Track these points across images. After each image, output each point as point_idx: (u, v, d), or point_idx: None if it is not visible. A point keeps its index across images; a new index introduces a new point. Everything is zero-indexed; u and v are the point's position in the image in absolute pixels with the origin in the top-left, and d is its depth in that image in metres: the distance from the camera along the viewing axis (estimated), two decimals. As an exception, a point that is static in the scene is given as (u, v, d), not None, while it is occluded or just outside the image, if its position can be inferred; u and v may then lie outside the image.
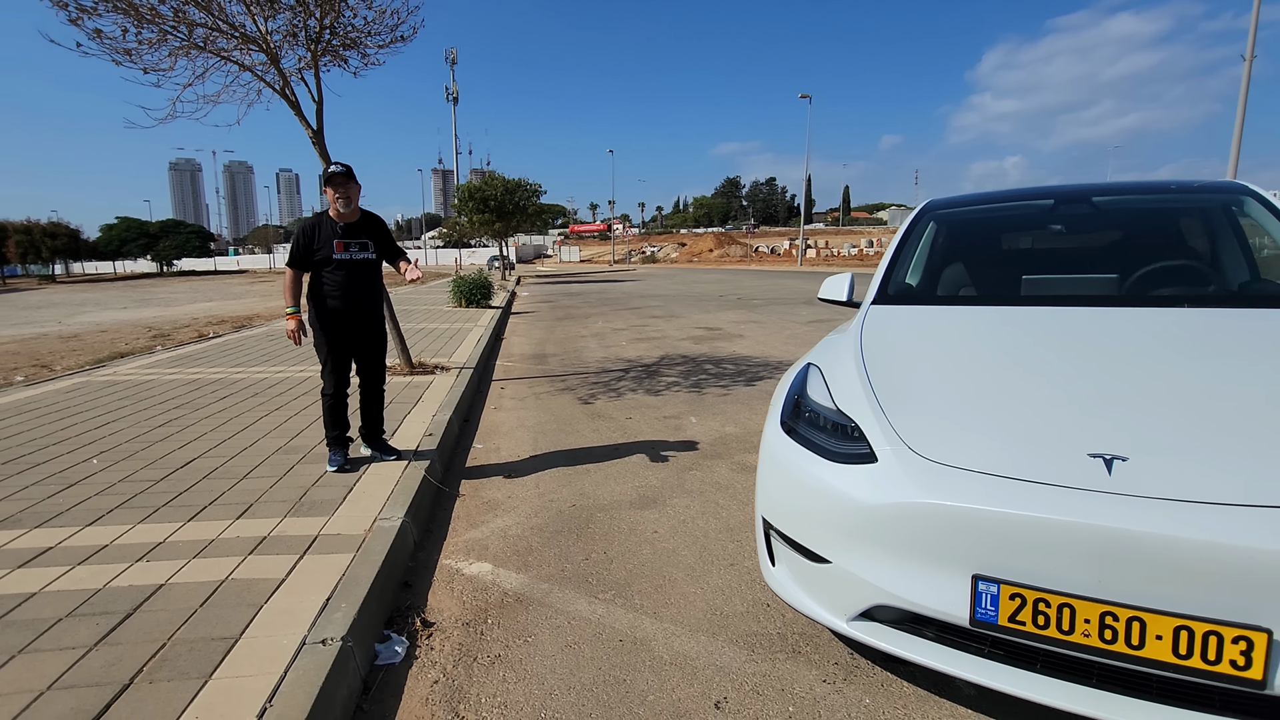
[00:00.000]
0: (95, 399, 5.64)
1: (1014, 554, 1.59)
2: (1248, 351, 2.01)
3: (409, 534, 3.13)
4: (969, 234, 3.48)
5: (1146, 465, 1.58)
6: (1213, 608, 1.41)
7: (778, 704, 2.03)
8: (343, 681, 2.03)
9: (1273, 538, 1.38)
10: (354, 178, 3.73)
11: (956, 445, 1.80)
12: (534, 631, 2.45)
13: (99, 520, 3.05)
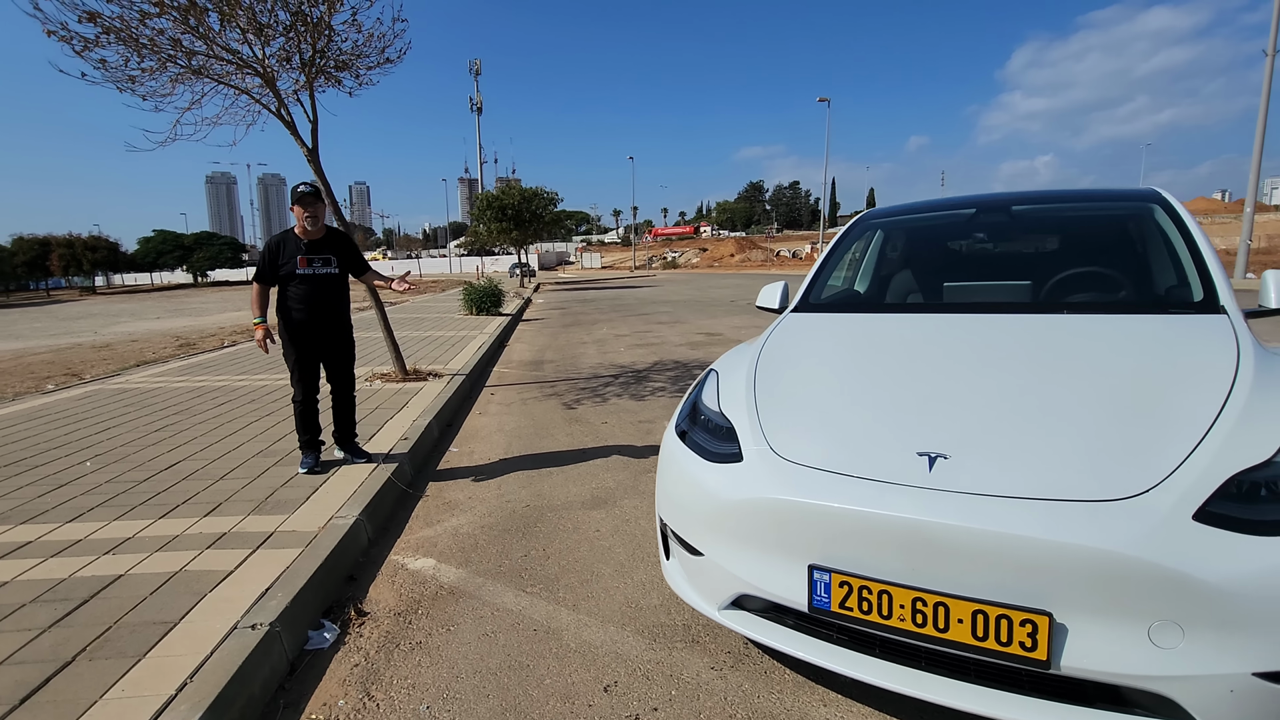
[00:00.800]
0: (103, 406, 5.98)
1: (842, 545, 1.72)
2: (1100, 355, 2.10)
3: (362, 531, 3.33)
4: (908, 243, 3.60)
5: (962, 463, 1.70)
6: (1003, 593, 1.53)
7: (663, 688, 2.17)
8: (265, 662, 2.22)
9: (1050, 527, 1.49)
10: (321, 198, 3.98)
11: (809, 445, 1.93)
12: (458, 621, 2.63)
13: (79, 517, 3.31)
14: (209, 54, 5.65)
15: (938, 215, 3.57)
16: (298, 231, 3.95)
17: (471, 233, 34.08)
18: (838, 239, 3.55)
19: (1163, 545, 1.43)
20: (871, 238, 3.88)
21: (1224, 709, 1.41)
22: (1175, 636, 1.42)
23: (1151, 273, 2.67)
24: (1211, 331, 2.11)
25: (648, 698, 2.13)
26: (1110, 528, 1.47)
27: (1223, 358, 1.92)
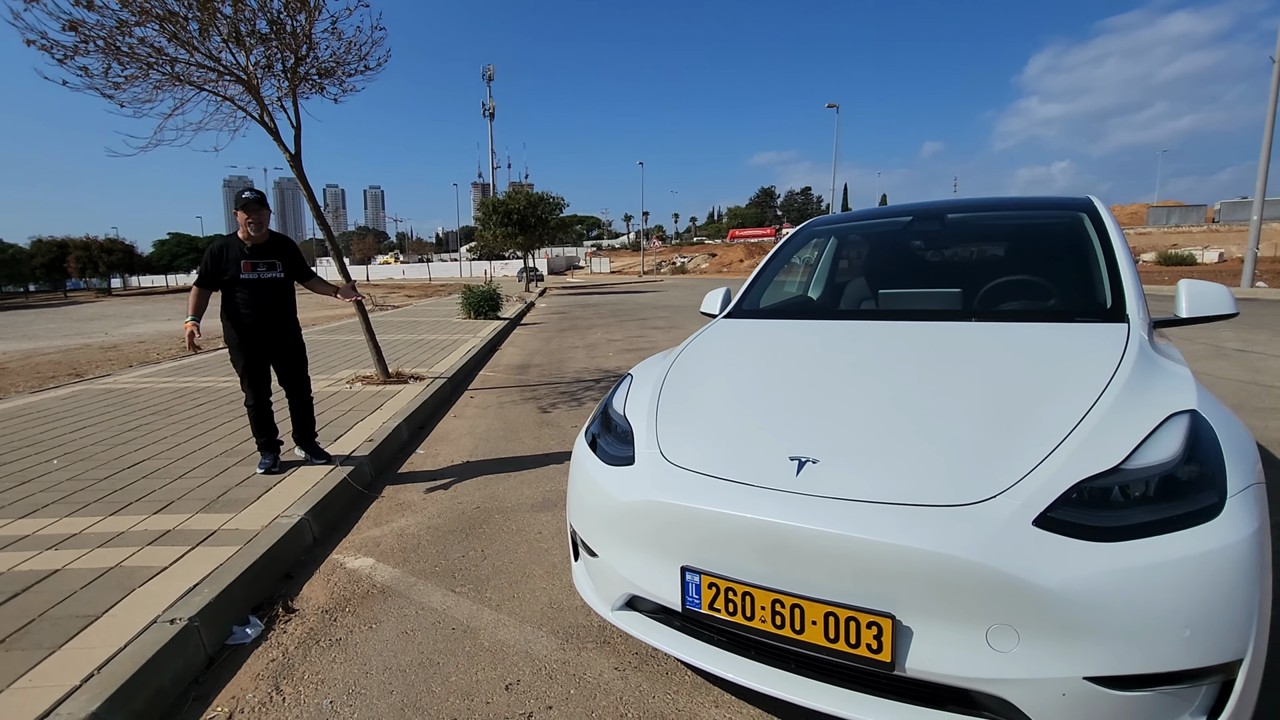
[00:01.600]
0: (85, 405, 6.11)
1: (710, 547, 1.75)
2: (991, 363, 2.12)
3: (307, 531, 3.39)
4: (852, 250, 3.63)
5: (829, 468, 1.73)
6: (851, 595, 1.56)
7: (563, 687, 2.21)
8: (179, 656, 2.28)
9: (895, 532, 1.52)
10: (266, 204, 3.96)
11: (694, 450, 1.97)
12: (381, 619, 2.68)
13: (33, 513, 3.39)
14: (190, 61, 5.77)
15: (879, 223, 3.60)
16: (240, 236, 3.93)
17: (479, 237, 34.26)
18: (779, 246, 3.58)
19: (1000, 550, 1.45)
20: (825, 244, 3.92)
21: (1057, 711, 1.43)
22: (1011, 640, 1.44)
23: (1068, 281, 2.68)
24: (1106, 340, 2.12)
25: (546, 696, 2.16)
26: (952, 533, 1.49)
27: (1104, 366, 1.93)
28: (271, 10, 5.77)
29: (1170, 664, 1.40)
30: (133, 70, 5.53)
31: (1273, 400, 5.73)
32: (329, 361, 8.74)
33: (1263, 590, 1.45)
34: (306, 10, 5.91)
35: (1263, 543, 1.47)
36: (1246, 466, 1.59)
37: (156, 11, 5.41)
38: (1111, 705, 1.42)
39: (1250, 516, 1.48)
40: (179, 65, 5.76)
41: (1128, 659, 1.40)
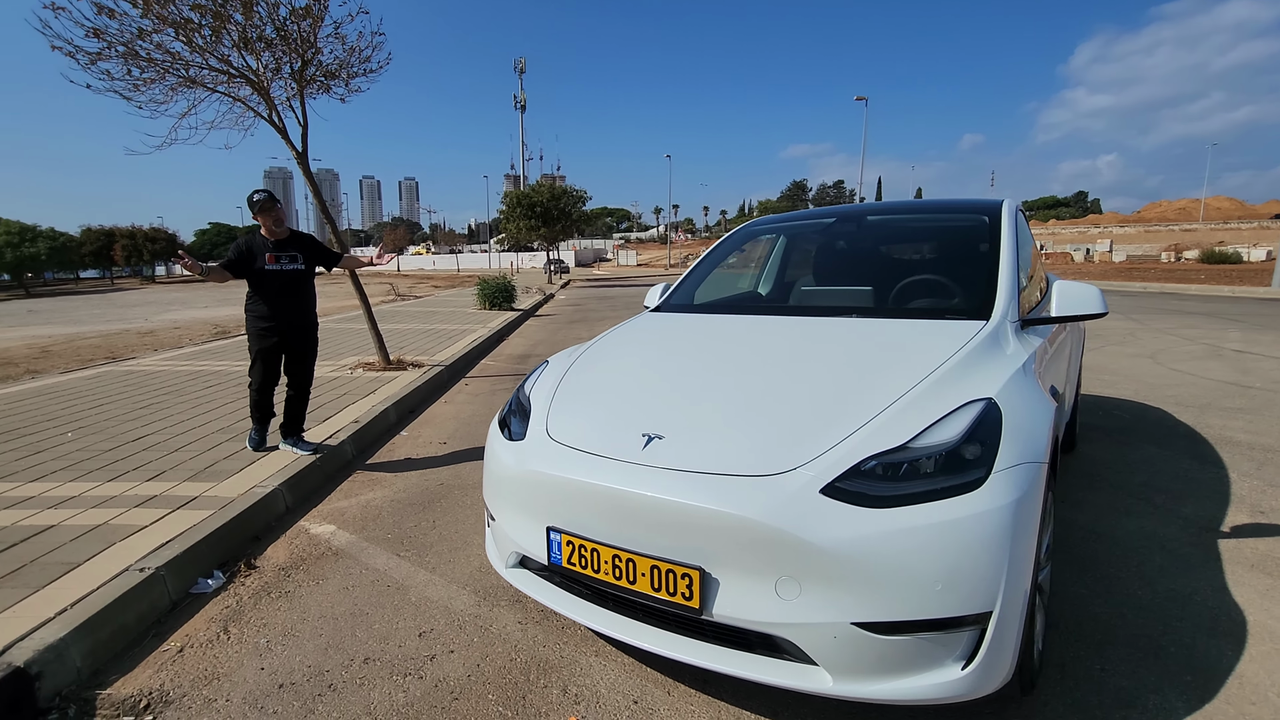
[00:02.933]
0: (107, 385, 6.61)
1: (569, 509, 2.02)
2: (848, 354, 2.34)
3: (280, 500, 3.74)
4: (785, 250, 3.85)
5: (670, 443, 1.98)
6: (671, 551, 1.81)
7: (469, 636, 2.50)
8: (145, 599, 2.63)
9: (704, 497, 1.77)
10: (277, 201, 4.23)
11: (573, 427, 2.23)
12: (328, 576, 3.01)
13: (42, 478, 3.81)
14: (204, 65, 6.18)
15: (811, 224, 3.81)
16: (264, 233, 4.20)
17: (503, 229, 34.78)
18: (717, 245, 3.81)
19: (787, 514, 1.69)
20: (775, 242, 4.13)
21: (831, 651, 1.67)
22: (795, 590, 1.68)
23: (953, 281, 2.86)
24: (955, 335, 2.32)
25: (451, 642, 2.46)
26: (751, 499, 1.73)
27: (937, 358, 2.14)
28: (278, 17, 6.15)
29: (924, 613, 1.62)
30: (151, 74, 5.95)
31: (1244, 401, 5.75)
32: (339, 349, 9.18)
33: (1016, 552, 1.66)
34: (311, 18, 6.27)
35: (1020, 512, 1.68)
36: (1024, 448, 1.79)
37: (173, 19, 5.83)
38: (876, 647, 1.65)
39: (1010, 489, 1.69)
40: (193, 69, 6.19)
41: (887, 607, 1.63)
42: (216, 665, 2.36)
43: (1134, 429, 5.01)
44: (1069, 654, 2.29)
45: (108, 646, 2.42)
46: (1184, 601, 2.60)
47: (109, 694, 2.21)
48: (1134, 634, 2.40)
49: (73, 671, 2.26)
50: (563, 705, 2.10)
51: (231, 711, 2.11)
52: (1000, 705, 2.04)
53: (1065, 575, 2.83)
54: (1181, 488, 3.79)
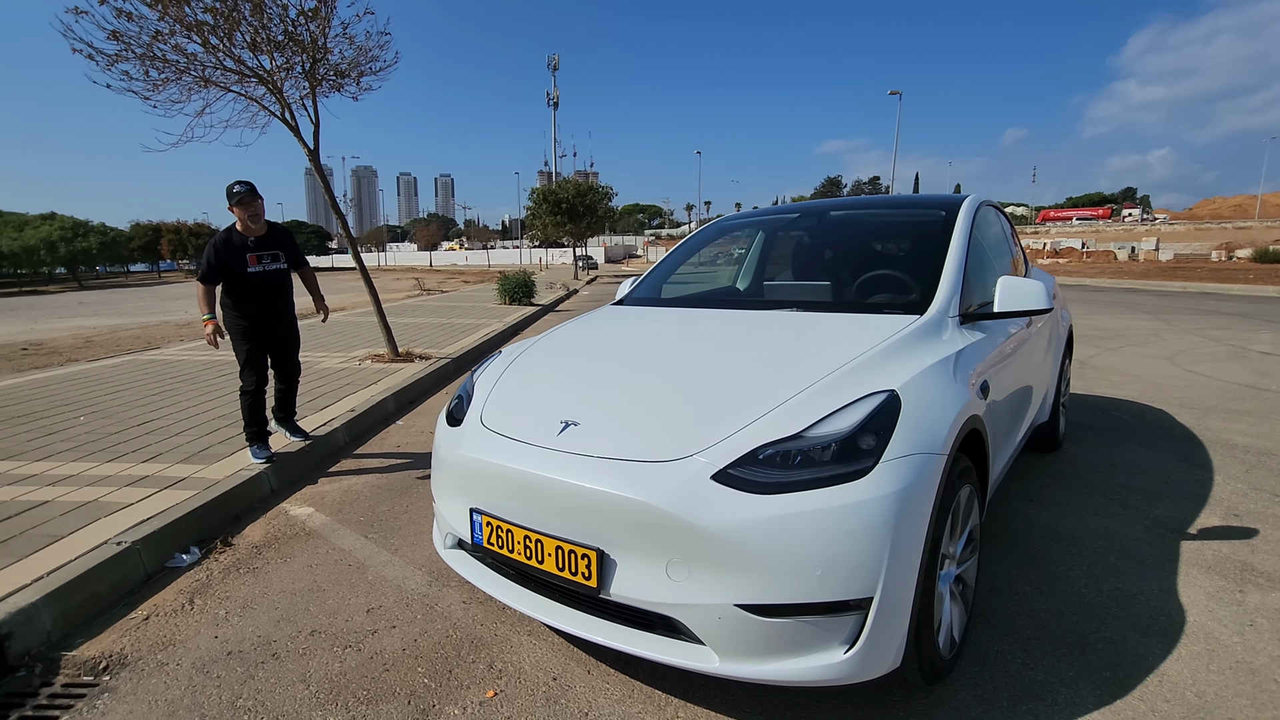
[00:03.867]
0: (127, 373, 6.92)
1: (489, 492, 2.11)
2: (778, 347, 2.37)
3: (265, 483, 3.91)
4: (756, 245, 3.88)
5: (584, 430, 2.04)
6: (574, 532, 1.88)
7: (412, 612, 2.61)
8: (119, 570, 2.80)
9: (604, 480, 1.83)
10: (258, 194, 4.10)
11: (501, 415, 2.31)
12: (296, 555, 3.15)
13: (47, 458, 4.05)
14: (219, 66, 6.42)
15: (775, 220, 3.83)
16: (240, 229, 4.02)
17: (530, 225, 35.11)
18: (685, 240, 3.86)
19: (679, 499, 1.74)
20: (754, 238, 4.16)
21: (717, 632, 1.72)
22: (684, 572, 1.74)
23: (903, 274, 2.87)
24: (884, 329, 2.33)
25: (395, 618, 2.57)
26: (648, 484, 1.79)
27: (856, 351, 2.16)
28: (288, 19, 6.35)
29: (804, 597, 1.67)
30: (168, 74, 6.21)
31: (1254, 404, 5.58)
32: (352, 341, 9.44)
33: (899, 540, 1.69)
34: (319, 19, 6.47)
35: (905, 501, 1.71)
36: (919, 440, 1.82)
37: (189, 20, 6.07)
38: (759, 629, 1.70)
39: (895, 479, 1.72)
40: (209, 69, 6.43)
41: (768, 590, 1.67)
42: (175, 633, 2.51)
43: (1128, 430, 4.91)
44: (994, 647, 2.30)
45: (79, 613, 2.58)
46: (1126, 601, 2.58)
47: (74, 655, 2.37)
48: (1065, 631, 2.39)
49: (43, 634, 2.43)
50: (485, 679, 2.19)
51: (180, 675, 2.25)
52: (907, 694, 2.07)
53: (1011, 572, 2.82)
54: (1159, 489, 3.72)
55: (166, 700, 2.12)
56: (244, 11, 6.15)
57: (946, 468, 1.87)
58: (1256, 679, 2.11)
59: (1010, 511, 3.44)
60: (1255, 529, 3.21)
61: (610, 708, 2.05)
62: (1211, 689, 2.06)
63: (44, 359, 9.61)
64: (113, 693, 2.17)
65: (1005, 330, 2.89)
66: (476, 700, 2.09)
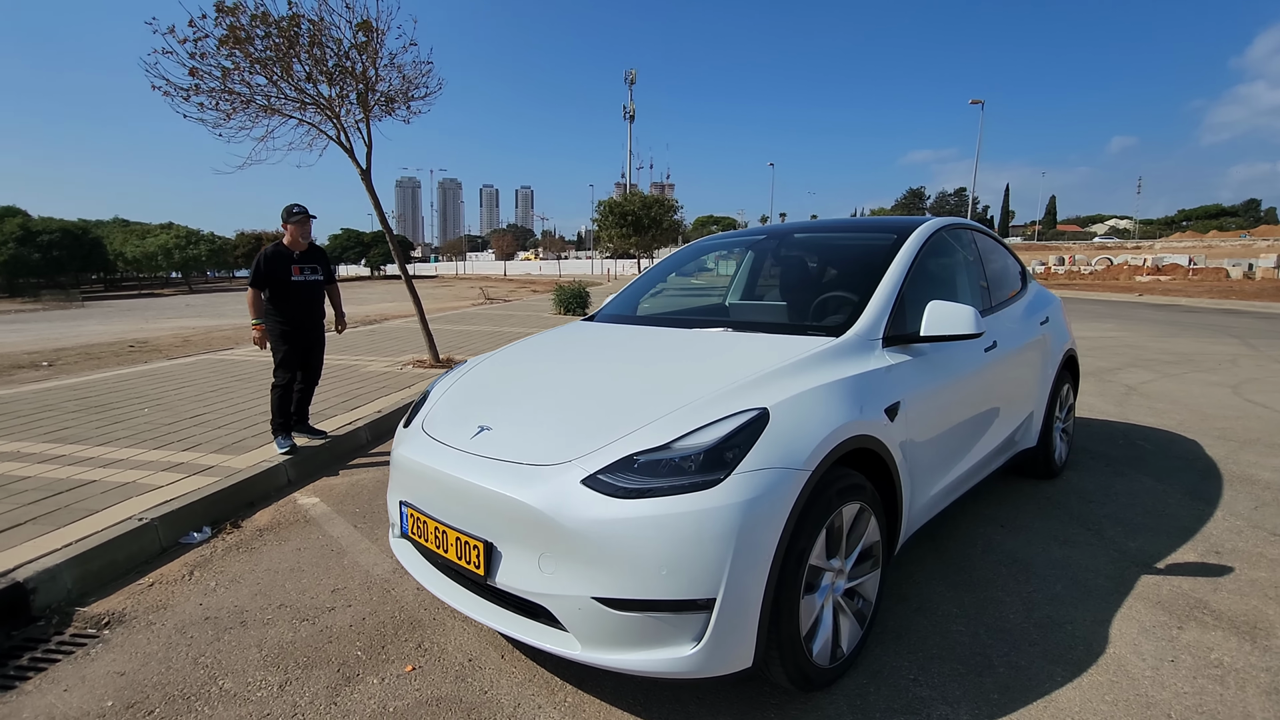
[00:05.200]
0: (197, 370, 7.68)
1: (414, 487, 2.37)
2: (694, 363, 2.52)
3: (283, 474, 4.34)
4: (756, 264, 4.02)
5: (494, 434, 2.27)
6: (469, 525, 2.11)
7: (372, 595, 2.90)
8: (137, 543, 3.23)
9: (494, 480, 2.04)
10: (310, 216, 4.78)
11: (437, 418, 2.57)
12: (290, 539, 3.52)
13: (107, 443, 4.62)
14: (280, 95, 7.09)
15: (743, 241, 3.96)
16: (288, 243, 4.77)
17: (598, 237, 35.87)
18: (663, 260, 4.04)
19: (551, 499, 1.93)
20: (743, 257, 4.31)
21: (578, 621, 1.90)
22: (553, 566, 1.93)
23: (841, 297, 2.94)
24: (795, 350, 2.44)
25: (353, 599, 2.86)
26: (528, 485, 1.99)
27: (759, 369, 2.29)
28: (340, 52, 6.95)
29: (651, 594, 1.82)
30: (235, 104, 6.91)
31: (1230, 424, 5.21)
32: (404, 347, 10.04)
33: (743, 547, 1.82)
34: (368, 51, 7.04)
35: (752, 511, 1.83)
36: (779, 455, 1.94)
37: (255, 56, 6.75)
38: (613, 621, 1.86)
39: (744, 490, 1.85)
40: (273, 99, 7.11)
41: (620, 586, 1.84)
42: (170, 599, 2.90)
43: (1144, 460, 4.70)
44: (893, 663, 2.36)
45: (96, 576, 3.01)
46: (1051, 629, 2.57)
47: (85, 611, 2.79)
48: (973, 653, 2.42)
49: (63, 591, 2.86)
50: (411, 656, 2.44)
51: (161, 634, 2.61)
52: (785, 699, 2.18)
53: (946, 594, 2.84)
54: (1145, 522, 3.60)
55: (145, 654, 2.48)
56: (303, 43, 6.78)
57: (810, 483, 1.98)
58: (1149, 712, 2.09)
59: (972, 535, 3.43)
60: (1231, 567, 3.08)
61: (510, 689, 2.25)
62: (1096, 718, 2.07)
63: (145, 355, 10.69)
64: (105, 644, 2.55)
65: (952, 354, 2.92)
66: (396, 673, 2.34)
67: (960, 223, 3.60)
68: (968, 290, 3.45)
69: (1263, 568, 3.07)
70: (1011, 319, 3.68)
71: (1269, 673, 2.29)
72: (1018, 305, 3.88)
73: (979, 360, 3.14)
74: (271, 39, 6.61)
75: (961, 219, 3.70)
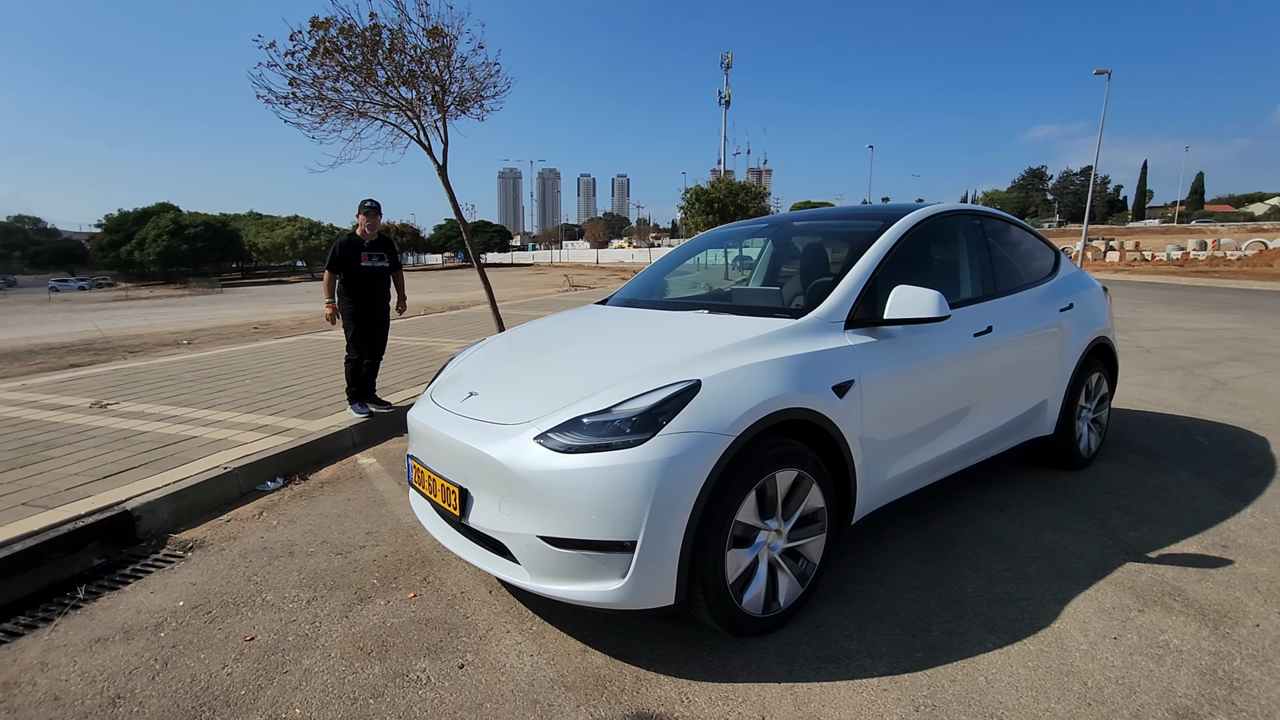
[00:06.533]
0: (295, 349, 8.63)
1: (417, 443, 2.78)
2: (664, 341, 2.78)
3: (349, 438, 4.95)
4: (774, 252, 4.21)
5: (480, 398, 2.63)
6: (451, 474, 2.49)
7: (396, 538, 3.36)
8: (221, 487, 3.88)
9: (469, 436, 2.41)
10: (380, 211, 5.51)
11: (443, 386, 2.97)
12: (344, 490, 4.07)
13: (211, 408, 5.42)
14: (369, 100, 7.82)
15: (753, 229, 4.12)
16: (359, 233, 5.47)
17: (683, 224, 36.00)
18: (674, 250, 4.28)
19: (509, 453, 2.27)
20: (764, 245, 4.49)
21: (527, 555, 2.23)
22: (509, 508, 2.27)
23: (818, 282, 3.09)
24: (754, 330, 2.64)
25: (382, 541, 3.34)
26: (494, 440, 2.34)
27: (714, 347, 2.52)
28: (416, 56, 7.58)
29: (584, 534, 2.13)
30: (328, 109, 7.69)
31: None
32: (478, 330, 10.75)
33: (661, 498, 2.08)
34: (442, 56, 7.63)
35: (671, 468, 2.09)
36: (705, 421, 2.18)
37: (344, 64, 7.49)
38: (554, 556, 2.18)
39: (666, 449, 2.11)
40: (362, 104, 7.85)
41: (559, 527, 2.16)
42: (240, 532, 3.49)
43: (1192, 455, 4.49)
44: (834, 622, 2.55)
45: (188, 511, 3.66)
46: (1004, 604, 2.66)
47: (175, 537, 3.42)
48: (915, 619, 2.56)
49: (161, 521, 3.51)
50: (415, 586, 2.87)
51: (226, 557, 3.19)
52: (720, 642, 2.43)
53: (913, 567, 2.96)
54: (1158, 514, 3.52)
55: (213, 571, 3.05)
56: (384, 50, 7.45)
57: (734, 447, 2.21)
58: (1066, 680, 2.19)
59: (966, 517, 3.49)
60: (1231, 560, 3.01)
61: (488, 616, 2.64)
62: (1008, 679, 2.19)
63: (264, 335, 12.02)
64: (186, 562, 3.15)
65: (930, 337, 3.01)
66: (400, 599, 2.78)
67: (962, 209, 3.63)
68: (964, 276, 3.49)
69: (1268, 563, 2.98)
70: (1020, 305, 3.66)
71: (1214, 656, 2.30)
72: (1033, 292, 3.84)
73: (965, 345, 3.20)
74: (356, 47, 7.30)
75: (967, 205, 3.71)
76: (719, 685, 2.20)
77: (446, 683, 2.23)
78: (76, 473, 3.88)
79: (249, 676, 2.27)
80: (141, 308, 29.29)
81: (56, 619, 2.68)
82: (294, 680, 2.25)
